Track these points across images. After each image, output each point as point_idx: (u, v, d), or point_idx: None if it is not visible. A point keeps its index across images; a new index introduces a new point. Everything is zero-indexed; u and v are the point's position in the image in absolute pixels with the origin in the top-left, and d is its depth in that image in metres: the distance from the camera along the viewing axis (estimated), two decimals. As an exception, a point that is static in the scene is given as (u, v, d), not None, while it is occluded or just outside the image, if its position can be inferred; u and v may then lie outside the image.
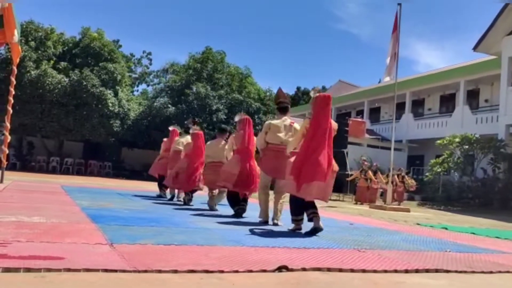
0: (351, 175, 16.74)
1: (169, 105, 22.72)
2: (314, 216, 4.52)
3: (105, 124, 21.52)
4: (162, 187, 9.17)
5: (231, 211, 6.09)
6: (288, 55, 75.65)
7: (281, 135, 5.19)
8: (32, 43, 20.96)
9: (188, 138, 7.97)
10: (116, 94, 22.25)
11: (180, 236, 3.64)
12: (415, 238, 5.11)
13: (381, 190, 16.38)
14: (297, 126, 5.33)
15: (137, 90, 36.60)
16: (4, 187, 7.93)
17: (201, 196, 8.41)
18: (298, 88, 56.81)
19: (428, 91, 26.96)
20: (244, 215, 5.91)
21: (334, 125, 4.67)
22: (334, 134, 4.67)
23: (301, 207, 4.60)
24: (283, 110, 5.42)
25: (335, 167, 4.68)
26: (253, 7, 71.13)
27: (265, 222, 5.28)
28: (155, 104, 23.47)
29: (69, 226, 3.69)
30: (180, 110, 22.34)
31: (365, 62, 76.98)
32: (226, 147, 6.30)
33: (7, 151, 9.82)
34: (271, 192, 5.47)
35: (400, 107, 25.37)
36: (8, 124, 9.51)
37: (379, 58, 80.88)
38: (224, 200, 6.62)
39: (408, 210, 12.16)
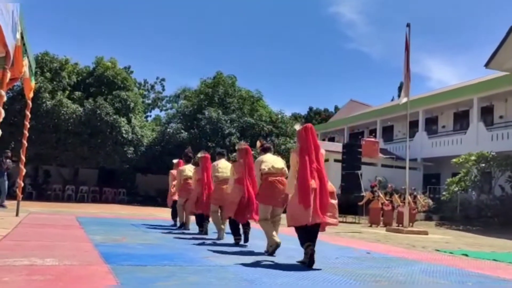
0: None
1: (182, 130, 22.86)
2: (311, 251, 4.57)
3: (119, 151, 21.70)
4: (175, 215, 9.41)
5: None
6: (299, 76, 76.07)
7: (272, 163, 5.61)
8: (48, 74, 21.37)
9: (190, 167, 8.48)
10: (129, 121, 22.47)
11: (193, 277, 3.59)
12: (434, 269, 4.96)
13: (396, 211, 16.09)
14: (280, 159, 5.83)
15: (150, 116, 37.05)
16: (20, 221, 7.97)
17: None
18: (310, 109, 56.93)
19: (441, 109, 26.74)
20: (254, 244, 5.86)
21: (323, 152, 4.93)
22: (323, 159, 4.89)
23: (306, 236, 4.65)
24: (266, 150, 5.91)
25: (331, 188, 4.82)
26: (262, 30, 72.03)
27: (277, 247, 5.36)
28: (168, 129, 23.65)
29: (81, 269, 3.66)
30: (193, 135, 22.47)
31: (376, 80, 76.96)
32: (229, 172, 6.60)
33: (22, 184, 9.93)
34: None
35: (414, 125, 25.18)
36: (23, 157, 9.62)
37: (391, 76, 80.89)
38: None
39: (426, 233, 11.91)
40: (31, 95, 10.09)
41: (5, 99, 6.31)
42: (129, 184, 25.48)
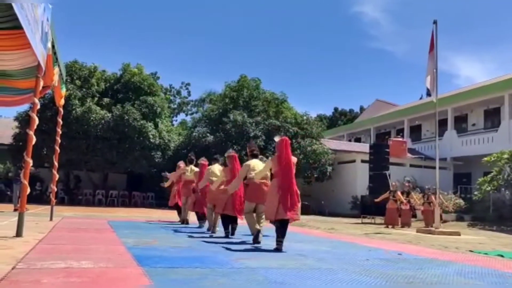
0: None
1: (208, 134, 23.04)
2: (280, 245, 5.84)
3: (147, 155, 22.03)
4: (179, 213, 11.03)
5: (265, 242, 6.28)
6: (324, 77, 75.68)
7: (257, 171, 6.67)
8: (77, 82, 21.92)
9: (192, 168, 10.12)
10: (156, 126, 22.81)
11: (224, 279, 3.62)
12: (469, 270, 4.85)
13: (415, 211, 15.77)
14: (267, 165, 6.70)
15: (176, 120, 37.54)
16: (54, 225, 8.20)
17: (242, 226, 8.44)
18: (335, 109, 56.54)
19: (470, 106, 26.13)
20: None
21: (294, 159, 6.13)
22: (294, 166, 6.06)
23: (283, 230, 5.90)
24: (255, 156, 7.06)
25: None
26: (285, 32, 72.00)
27: (258, 232, 6.57)
28: (194, 133, 23.86)
29: (116, 271, 3.74)
30: (219, 139, 22.60)
31: (402, 79, 75.86)
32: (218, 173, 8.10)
33: (55, 189, 10.22)
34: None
35: (442, 123, 24.69)
36: (56, 163, 9.90)
37: (417, 75, 79.61)
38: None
39: (458, 234, 11.64)
40: (62, 102, 10.38)
41: (38, 106, 6.53)
42: (157, 188, 25.79)
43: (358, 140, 36.12)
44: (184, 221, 10.34)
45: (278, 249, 5.76)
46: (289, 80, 72.34)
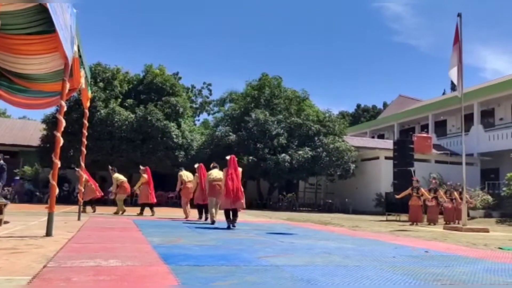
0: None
1: (230, 133, 23.13)
2: (235, 221, 9.11)
3: (170, 155, 22.23)
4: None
5: (283, 238, 6.12)
6: (346, 73, 75.03)
7: (213, 176, 9.95)
8: (101, 84, 22.31)
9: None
10: (179, 126, 23.01)
11: (250, 276, 3.63)
12: (499, 267, 4.74)
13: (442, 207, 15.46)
14: (221, 172, 9.79)
15: (198, 120, 37.82)
16: (82, 224, 8.38)
17: (265, 224, 8.46)
18: (358, 106, 56.06)
19: (498, 100, 25.51)
20: (294, 242, 5.86)
21: (240, 169, 9.44)
22: (240, 174, 9.36)
23: (229, 214, 9.07)
24: (215, 167, 10.28)
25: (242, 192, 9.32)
26: (306, 29, 71.68)
27: (213, 222, 9.93)
28: (216, 133, 23.99)
29: (143, 269, 3.80)
30: (241, 137, 22.67)
31: (426, 74, 74.66)
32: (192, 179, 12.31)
33: (82, 190, 10.44)
34: None
35: (468, 118, 24.20)
36: (82, 164, 10.11)
37: (441, 69, 78.17)
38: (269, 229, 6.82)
39: (487, 230, 11.39)
40: (88, 104, 10.59)
41: (65, 109, 6.67)
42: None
43: (381, 136, 35.70)
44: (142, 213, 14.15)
45: (233, 226, 8.96)
46: (311, 78, 72.10)
